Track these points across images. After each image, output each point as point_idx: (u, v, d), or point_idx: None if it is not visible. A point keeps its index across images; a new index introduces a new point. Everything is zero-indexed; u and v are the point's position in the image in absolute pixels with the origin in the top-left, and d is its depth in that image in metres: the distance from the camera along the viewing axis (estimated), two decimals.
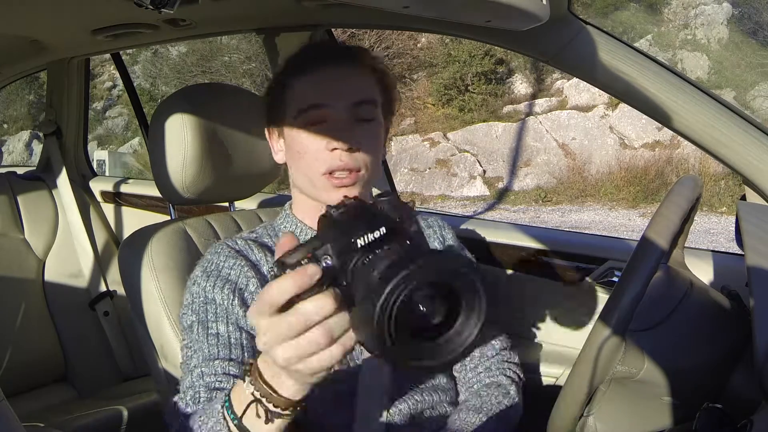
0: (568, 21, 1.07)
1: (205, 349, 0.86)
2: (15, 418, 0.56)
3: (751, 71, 9.88)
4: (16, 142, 12.62)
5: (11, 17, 1.29)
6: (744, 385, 0.85)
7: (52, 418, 1.57)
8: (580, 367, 0.83)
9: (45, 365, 1.83)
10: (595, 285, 1.43)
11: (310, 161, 0.92)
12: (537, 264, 1.48)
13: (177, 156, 1.09)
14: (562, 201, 8.73)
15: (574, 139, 9.15)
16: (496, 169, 9.25)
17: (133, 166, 10.75)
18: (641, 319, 0.86)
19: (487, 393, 1.02)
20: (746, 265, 0.79)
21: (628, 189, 8.46)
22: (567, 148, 9.10)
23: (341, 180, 0.91)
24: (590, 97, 9.44)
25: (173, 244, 1.09)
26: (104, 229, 2.05)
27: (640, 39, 10.38)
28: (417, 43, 11.12)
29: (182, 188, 1.11)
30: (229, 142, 1.15)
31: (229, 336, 0.87)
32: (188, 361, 0.88)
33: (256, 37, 1.64)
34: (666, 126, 1.10)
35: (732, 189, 7.57)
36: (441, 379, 1.02)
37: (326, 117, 0.92)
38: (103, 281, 1.97)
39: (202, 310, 0.90)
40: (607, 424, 0.88)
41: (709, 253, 1.34)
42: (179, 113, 1.09)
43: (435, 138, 9.92)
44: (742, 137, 1.05)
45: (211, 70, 11.70)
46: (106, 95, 14.25)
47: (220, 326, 0.88)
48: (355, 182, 0.92)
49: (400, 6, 0.79)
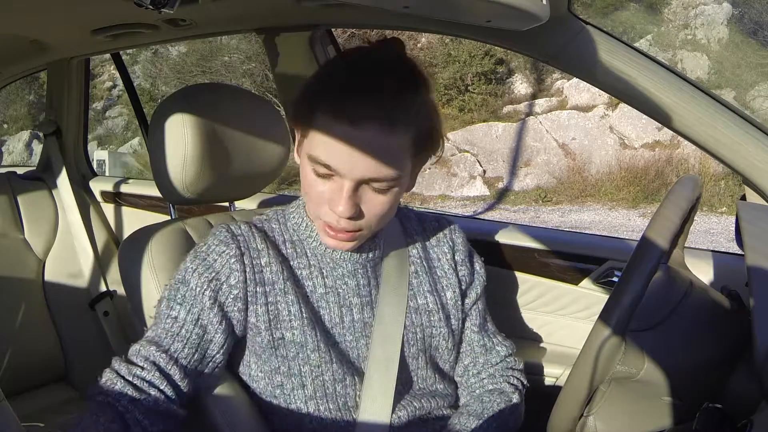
0: (568, 21, 1.07)
1: (158, 328, 0.89)
2: (15, 418, 0.56)
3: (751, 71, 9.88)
4: (16, 142, 12.62)
5: (11, 17, 1.29)
6: (744, 385, 0.85)
7: (52, 418, 1.57)
8: (580, 367, 0.83)
9: (45, 365, 1.83)
10: (595, 285, 1.43)
11: (312, 202, 0.87)
12: (537, 264, 1.48)
13: (177, 156, 1.09)
14: (562, 201, 8.73)
15: (574, 139, 9.15)
16: (496, 169, 9.25)
17: (133, 166, 10.75)
18: (641, 319, 0.86)
19: (489, 399, 1.01)
20: (746, 265, 0.79)
21: (628, 189, 8.46)
22: (567, 148, 9.10)
23: (336, 235, 0.86)
24: (590, 97, 9.44)
25: (173, 244, 1.09)
26: (104, 229, 2.05)
27: (640, 39, 10.37)
28: (417, 43, 11.12)
29: (182, 188, 1.11)
30: (229, 142, 1.15)
31: (183, 325, 0.88)
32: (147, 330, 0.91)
33: (256, 37, 1.64)
34: (666, 126, 1.10)
35: (732, 189, 7.57)
36: (440, 385, 1.01)
37: (334, 179, 0.83)
38: (103, 281, 1.97)
39: (175, 288, 0.90)
40: (607, 424, 0.88)
41: (709, 253, 1.34)
42: (179, 113, 1.09)
43: None
44: (742, 137, 1.05)
45: (211, 70, 11.69)
46: (106, 95, 14.25)
47: (181, 311, 0.88)
48: (353, 240, 0.88)
49: (400, 6, 0.79)
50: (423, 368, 0.98)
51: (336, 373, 0.90)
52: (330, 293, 0.92)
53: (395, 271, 0.97)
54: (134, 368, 0.86)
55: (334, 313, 0.92)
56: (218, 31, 1.68)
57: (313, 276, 0.92)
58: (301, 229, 0.96)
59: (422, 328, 0.97)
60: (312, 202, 0.87)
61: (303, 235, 0.95)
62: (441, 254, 1.04)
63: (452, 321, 1.01)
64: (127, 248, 1.09)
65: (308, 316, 0.89)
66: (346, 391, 0.91)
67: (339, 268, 0.93)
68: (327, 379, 0.89)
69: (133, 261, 1.07)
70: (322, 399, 0.90)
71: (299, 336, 0.88)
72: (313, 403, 0.90)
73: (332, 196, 0.83)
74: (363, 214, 0.85)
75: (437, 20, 1.15)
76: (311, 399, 0.90)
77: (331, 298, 0.92)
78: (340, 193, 0.82)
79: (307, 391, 0.90)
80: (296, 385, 0.90)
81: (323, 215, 0.86)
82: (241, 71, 11.61)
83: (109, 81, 14.26)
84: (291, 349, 0.89)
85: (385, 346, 0.92)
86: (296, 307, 0.89)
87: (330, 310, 0.91)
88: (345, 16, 1.42)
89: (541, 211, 8.36)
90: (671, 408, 0.88)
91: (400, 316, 0.94)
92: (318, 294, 0.92)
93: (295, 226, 0.97)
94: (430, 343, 0.98)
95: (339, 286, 0.93)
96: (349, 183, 0.82)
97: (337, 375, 0.90)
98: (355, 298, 0.93)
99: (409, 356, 0.96)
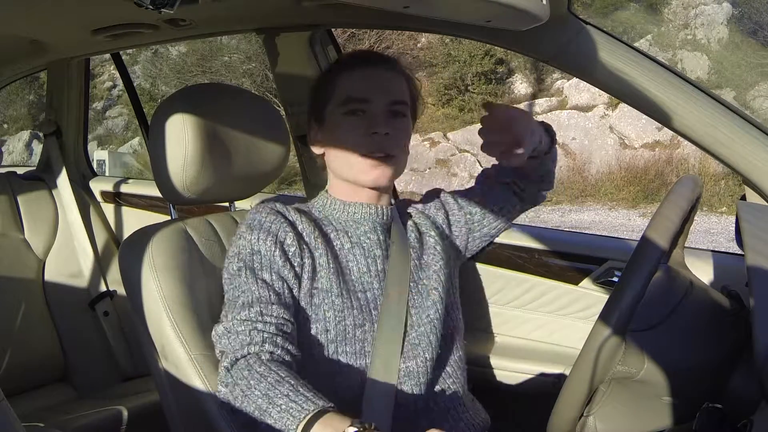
0: (568, 21, 1.07)
1: (256, 291, 0.95)
2: (15, 418, 0.56)
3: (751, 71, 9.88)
4: (16, 142, 12.63)
5: (11, 17, 1.29)
6: (744, 385, 0.85)
7: (52, 418, 1.57)
8: (580, 367, 0.83)
9: (45, 365, 1.83)
10: (595, 285, 1.43)
11: (351, 145, 1.04)
12: (537, 264, 1.48)
13: (177, 156, 1.09)
14: (562, 201, 8.73)
15: (574, 139, 9.16)
16: None
17: (133, 166, 10.76)
18: (641, 319, 0.86)
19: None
20: (746, 265, 0.79)
21: (628, 189, 8.47)
22: (567, 148, 9.10)
23: (377, 160, 1.03)
24: (590, 97, 9.45)
25: (173, 244, 1.09)
26: (104, 229, 2.05)
27: (640, 39, 10.38)
28: (417, 43, 11.13)
29: (182, 188, 1.11)
30: (230, 142, 1.15)
31: (273, 284, 0.97)
32: (235, 300, 0.95)
33: (256, 37, 1.64)
34: (666, 126, 1.10)
35: (732, 189, 7.57)
36: (450, 365, 1.07)
37: (367, 108, 1.04)
38: (103, 281, 1.97)
39: (249, 258, 0.99)
40: (607, 424, 0.88)
41: (709, 253, 1.34)
42: (179, 113, 1.09)
43: (435, 138, 9.92)
44: (742, 137, 1.05)
45: (211, 70, 11.70)
46: (106, 95, 14.26)
47: (265, 274, 0.97)
48: (388, 164, 1.04)
49: (400, 6, 0.79)
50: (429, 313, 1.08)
51: (356, 318, 1.00)
52: (356, 247, 1.06)
53: (400, 233, 1.11)
54: (269, 326, 0.92)
55: (361, 264, 1.05)
56: (218, 31, 1.68)
57: (340, 236, 1.06)
58: (326, 206, 1.10)
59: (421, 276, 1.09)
60: (350, 145, 1.04)
61: (327, 211, 1.10)
62: (435, 219, 1.18)
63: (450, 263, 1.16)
64: (128, 248, 1.09)
65: (335, 266, 1.02)
66: (364, 336, 1.00)
67: (361, 227, 1.07)
68: (348, 323, 0.99)
69: (133, 261, 1.07)
70: (341, 343, 0.99)
71: (326, 283, 1.00)
72: (333, 347, 0.99)
73: (369, 123, 1.03)
74: (393, 139, 1.04)
75: (437, 20, 1.15)
76: (332, 342, 0.99)
77: (357, 251, 1.05)
78: (377, 117, 1.03)
79: (329, 335, 0.99)
80: (320, 330, 0.99)
81: (363, 146, 1.03)
82: (241, 71, 11.62)
83: (109, 81, 14.27)
84: (318, 296, 1.00)
85: (399, 286, 1.05)
86: (325, 258, 1.02)
87: (357, 261, 1.05)
88: (345, 16, 1.42)
89: (541, 211, 8.36)
90: (671, 408, 0.88)
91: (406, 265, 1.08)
92: (346, 249, 1.05)
93: (321, 207, 1.10)
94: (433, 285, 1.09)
95: (363, 241, 1.07)
96: (382, 104, 1.04)
97: (357, 320, 1.00)
98: (378, 250, 1.07)
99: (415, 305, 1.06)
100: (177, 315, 1.02)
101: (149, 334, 1.06)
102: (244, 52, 11.60)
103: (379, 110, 1.04)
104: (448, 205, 1.20)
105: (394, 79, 1.08)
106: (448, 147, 9.71)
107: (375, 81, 1.07)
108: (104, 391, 1.82)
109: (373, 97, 1.05)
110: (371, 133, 1.02)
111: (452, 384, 1.07)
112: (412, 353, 1.02)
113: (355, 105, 1.05)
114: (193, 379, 0.99)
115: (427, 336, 1.04)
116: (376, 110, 1.04)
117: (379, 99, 1.05)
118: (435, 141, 9.85)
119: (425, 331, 1.04)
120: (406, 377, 1.01)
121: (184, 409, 1.05)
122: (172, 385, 1.03)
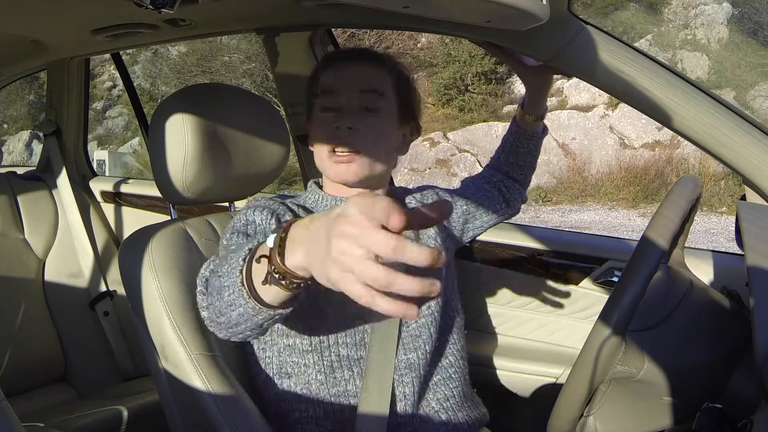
0: (568, 21, 1.07)
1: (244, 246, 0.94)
2: (15, 418, 0.56)
3: (751, 71, 9.89)
4: (16, 142, 12.63)
5: (11, 17, 1.29)
6: (744, 385, 0.85)
7: (52, 418, 1.57)
8: (580, 367, 0.83)
9: (45, 365, 1.83)
10: (595, 285, 1.43)
11: (319, 139, 1.05)
12: (537, 264, 1.48)
13: (177, 156, 1.09)
14: (562, 201, 8.73)
15: (574, 139, 9.15)
16: None
17: (133, 166, 10.76)
18: (641, 319, 0.86)
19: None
20: (746, 265, 0.79)
21: (628, 189, 8.47)
22: (567, 148, 9.10)
23: (340, 157, 1.02)
24: (590, 97, 9.45)
25: (173, 244, 1.09)
26: (104, 229, 2.05)
27: (640, 39, 10.38)
28: (417, 43, 11.13)
29: (182, 188, 1.11)
30: (229, 142, 1.15)
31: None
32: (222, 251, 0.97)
33: (256, 37, 1.64)
34: (666, 126, 1.10)
35: (732, 189, 7.58)
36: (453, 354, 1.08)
37: (335, 102, 1.04)
38: (103, 281, 1.97)
39: (243, 228, 1.00)
40: (607, 424, 0.88)
41: (709, 253, 1.34)
42: (179, 113, 1.09)
43: (435, 138, 9.92)
44: (742, 137, 1.05)
45: (211, 70, 11.70)
46: (106, 95, 14.26)
47: (259, 238, 0.96)
48: (353, 162, 1.03)
49: (400, 6, 0.79)
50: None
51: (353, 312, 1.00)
52: None
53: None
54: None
55: None
56: (218, 31, 1.68)
57: None
58: (318, 202, 1.11)
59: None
60: (319, 139, 1.04)
61: (320, 207, 1.10)
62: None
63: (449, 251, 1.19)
64: (128, 248, 1.09)
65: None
66: (363, 329, 1.00)
67: None
68: (348, 312, 0.98)
69: (133, 261, 1.07)
70: (341, 332, 0.99)
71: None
72: (333, 337, 0.99)
73: (336, 116, 1.03)
74: (359, 135, 1.02)
75: (437, 20, 1.15)
76: (331, 332, 0.99)
77: None
78: (342, 110, 1.03)
79: (328, 322, 0.99)
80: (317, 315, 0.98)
81: (328, 138, 1.02)
82: (241, 71, 11.62)
83: (109, 81, 14.27)
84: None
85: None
86: None
87: None
88: (345, 16, 1.42)
89: (541, 210, 8.36)
90: (671, 408, 0.88)
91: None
92: None
93: (313, 203, 1.11)
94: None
95: None
96: (349, 95, 1.03)
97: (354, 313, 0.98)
98: None
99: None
100: (177, 315, 1.02)
101: (149, 334, 1.06)
102: (244, 52, 11.60)
103: (347, 104, 1.03)
104: (445, 196, 1.23)
105: (365, 68, 1.07)
106: (448, 147, 9.71)
107: (345, 73, 1.06)
108: (104, 391, 1.82)
109: (341, 89, 1.04)
110: (335, 127, 1.02)
111: (453, 374, 1.07)
112: (413, 345, 1.02)
113: (325, 98, 1.05)
114: (193, 379, 0.99)
115: (427, 327, 1.04)
116: (344, 103, 1.03)
117: (346, 91, 1.04)
118: (435, 141, 9.85)
119: (426, 323, 1.04)
120: (406, 369, 1.01)
121: (184, 409, 1.05)
122: (172, 385, 1.03)
